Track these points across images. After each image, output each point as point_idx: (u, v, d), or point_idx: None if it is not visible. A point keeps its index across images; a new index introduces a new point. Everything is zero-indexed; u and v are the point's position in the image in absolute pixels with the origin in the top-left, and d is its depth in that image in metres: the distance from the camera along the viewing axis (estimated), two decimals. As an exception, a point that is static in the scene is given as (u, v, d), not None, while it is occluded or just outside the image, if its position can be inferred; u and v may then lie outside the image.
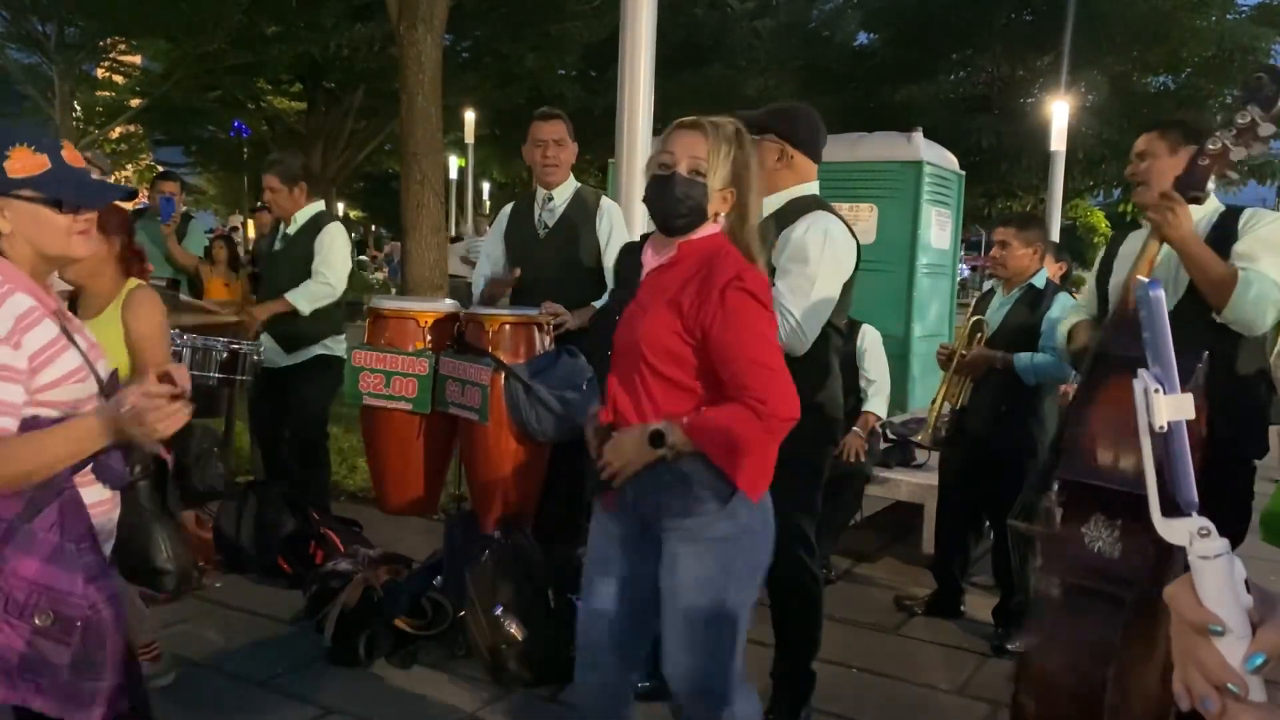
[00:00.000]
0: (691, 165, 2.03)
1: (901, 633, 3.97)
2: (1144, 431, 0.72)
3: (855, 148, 6.53)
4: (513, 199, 4.10)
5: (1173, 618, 0.69)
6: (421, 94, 6.95)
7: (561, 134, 3.74)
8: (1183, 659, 0.68)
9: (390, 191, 23.31)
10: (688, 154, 2.03)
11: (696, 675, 2.10)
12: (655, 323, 2.04)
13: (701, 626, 2.07)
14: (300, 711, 3.07)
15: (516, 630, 3.26)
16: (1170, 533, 0.69)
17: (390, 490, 3.84)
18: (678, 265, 2.08)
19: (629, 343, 2.08)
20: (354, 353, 3.70)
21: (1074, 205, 21.75)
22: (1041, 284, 3.87)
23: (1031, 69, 17.53)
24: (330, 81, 15.97)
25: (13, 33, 13.64)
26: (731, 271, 2.01)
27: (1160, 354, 0.72)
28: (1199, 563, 0.68)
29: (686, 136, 2.05)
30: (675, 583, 2.08)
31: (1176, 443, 0.71)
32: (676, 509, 2.06)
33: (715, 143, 2.03)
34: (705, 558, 2.05)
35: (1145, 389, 0.72)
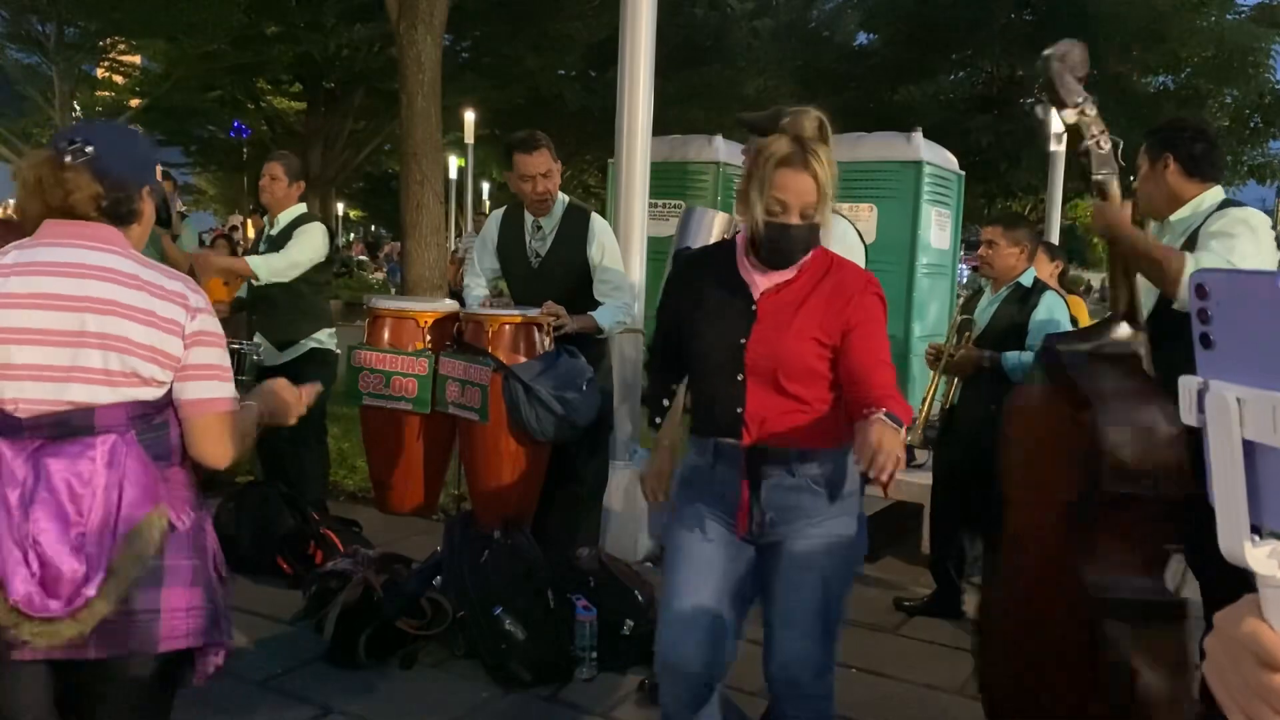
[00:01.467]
0: (804, 211, 2.02)
1: (901, 633, 3.97)
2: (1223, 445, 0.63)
3: (855, 148, 6.52)
4: (512, 199, 4.08)
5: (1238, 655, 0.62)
6: (421, 94, 6.96)
7: (548, 165, 3.64)
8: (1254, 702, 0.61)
9: (390, 191, 23.33)
10: (800, 202, 2.02)
11: (817, 661, 2.13)
12: (798, 343, 2.07)
13: (822, 618, 2.13)
14: (300, 711, 3.07)
15: (516, 630, 3.26)
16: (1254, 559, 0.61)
17: (390, 490, 3.84)
18: (799, 280, 2.12)
19: (768, 366, 2.08)
20: (354, 353, 3.70)
21: (1074, 205, 21.75)
22: (1029, 283, 3.91)
23: (1031, 69, 17.51)
24: (330, 81, 15.99)
25: (13, 33, 13.65)
26: (863, 276, 2.13)
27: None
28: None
29: (796, 181, 2.01)
30: (802, 577, 2.11)
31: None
32: (810, 510, 2.12)
33: (824, 184, 2.02)
34: (831, 554, 2.13)
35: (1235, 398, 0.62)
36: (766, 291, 2.12)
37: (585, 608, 3.34)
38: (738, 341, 2.10)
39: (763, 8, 20.36)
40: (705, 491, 2.20)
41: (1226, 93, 16.63)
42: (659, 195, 5.82)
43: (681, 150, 6.47)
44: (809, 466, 2.10)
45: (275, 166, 4.46)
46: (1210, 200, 2.73)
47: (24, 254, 1.71)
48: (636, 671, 3.35)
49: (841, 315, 2.06)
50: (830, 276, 2.11)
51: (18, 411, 1.67)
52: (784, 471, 2.10)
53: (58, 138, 1.79)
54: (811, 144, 2.02)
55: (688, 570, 2.16)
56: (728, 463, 2.14)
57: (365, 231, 39.60)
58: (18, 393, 1.67)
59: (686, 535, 2.19)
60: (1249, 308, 0.62)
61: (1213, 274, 0.64)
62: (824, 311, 2.07)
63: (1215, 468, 0.63)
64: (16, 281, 1.68)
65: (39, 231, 1.74)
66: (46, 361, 1.68)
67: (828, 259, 2.15)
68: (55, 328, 1.69)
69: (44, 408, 1.68)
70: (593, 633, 3.33)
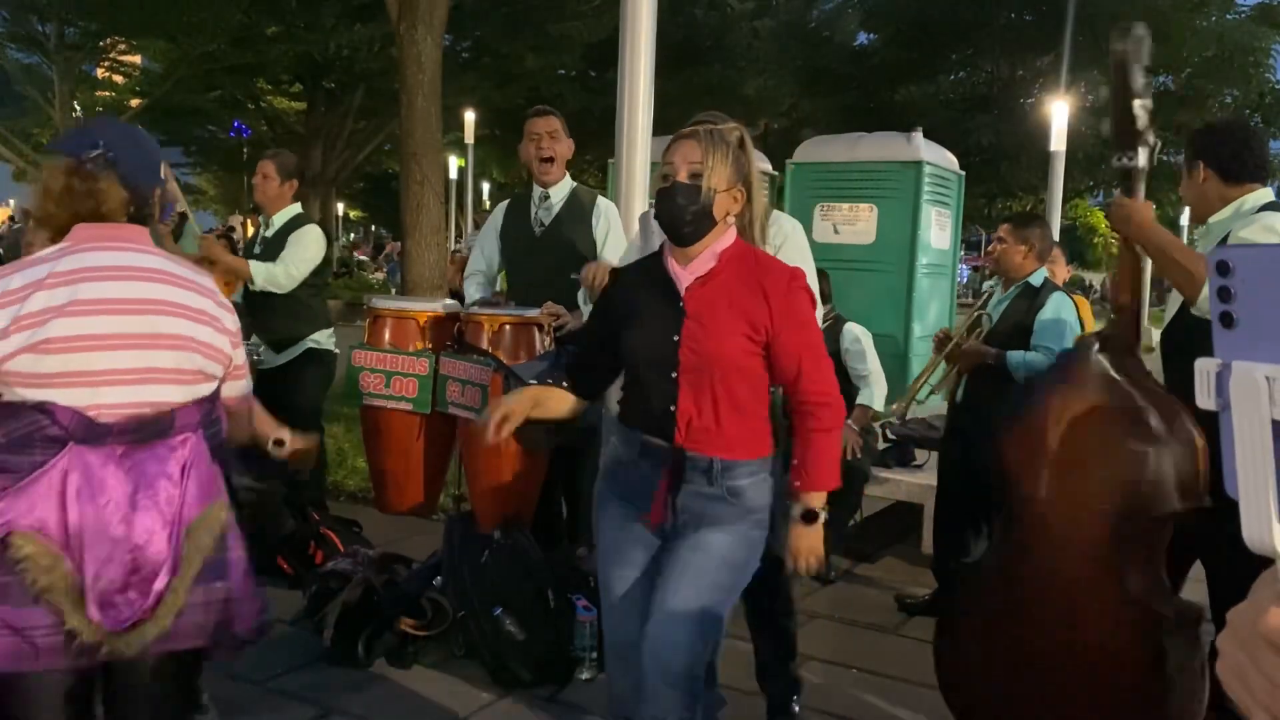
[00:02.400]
0: (690, 171, 2.05)
1: (901, 633, 3.97)
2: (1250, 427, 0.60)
3: (855, 148, 6.53)
4: (512, 198, 4.09)
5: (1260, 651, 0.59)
6: (421, 94, 6.96)
7: (556, 128, 3.73)
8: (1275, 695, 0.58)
9: (390, 191, 23.32)
10: (685, 161, 2.06)
11: (689, 653, 2.11)
12: (726, 338, 2.07)
13: (707, 608, 2.11)
14: (300, 711, 3.07)
15: (516, 630, 3.26)
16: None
17: (390, 490, 3.84)
18: (720, 274, 2.10)
19: (699, 362, 2.08)
20: (354, 353, 3.70)
21: (1074, 205, 21.75)
22: (1038, 283, 3.90)
23: (1031, 69, 17.53)
24: (330, 81, 16.00)
25: (13, 33, 13.65)
26: (786, 270, 2.12)
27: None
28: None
29: (683, 145, 2.09)
30: (699, 560, 2.10)
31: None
32: (719, 518, 2.13)
33: (709, 145, 2.06)
34: (737, 548, 2.13)
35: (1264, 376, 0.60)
36: (691, 286, 2.11)
37: (585, 608, 3.34)
38: (670, 339, 2.09)
39: (763, 8, 20.33)
40: (624, 485, 2.22)
41: (1226, 93, 16.62)
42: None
43: (681, 150, 6.46)
44: (729, 478, 2.10)
45: (268, 165, 4.44)
46: (1253, 202, 2.66)
47: (75, 259, 1.71)
48: (636, 671, 3.35)
49: (768, 311, 2.06)
50: (754, 270, 2.10)
51: (101, 417, 1.68)
52: (704, 480, 2.10)
53: (75, 142, 1.79)
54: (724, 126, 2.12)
55: (617, 563, 2.23)
56: (651, 461, 2.14)
57: (365, 232, 39.57)
58: (101, 398, 1.69)
59: (613, 530, 2.26)
60: (1275, 283, 0.59)
61: (1236, 249, 0.62)
62: (751, 307, 2.07)
63: (1240, 452, 0.61)
64: (85, 288, 1.68)
65: (73, 236, 1.75)
66: (125, 365, 1.71)
67: (750, 253, 2.15)
68: (130, 331, 1.71)
69: (126, 411, 1.70)
70: (593, 633, 3.32)
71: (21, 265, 1.69)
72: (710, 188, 2.05)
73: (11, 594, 1.62)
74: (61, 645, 1.65)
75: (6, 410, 1.63)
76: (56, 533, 1.61)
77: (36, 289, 1.64)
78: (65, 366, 1.65)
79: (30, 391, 1.64)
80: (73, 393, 1.66)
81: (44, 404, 1.64)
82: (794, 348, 2.07)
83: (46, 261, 1.69)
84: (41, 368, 1.64)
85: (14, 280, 1.65)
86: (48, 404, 1.64)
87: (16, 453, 1.63)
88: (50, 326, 1.63)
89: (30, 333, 1.62)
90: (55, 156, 1.78)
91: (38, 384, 1.64)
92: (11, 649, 1.63)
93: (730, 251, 2.12)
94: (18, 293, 1.63)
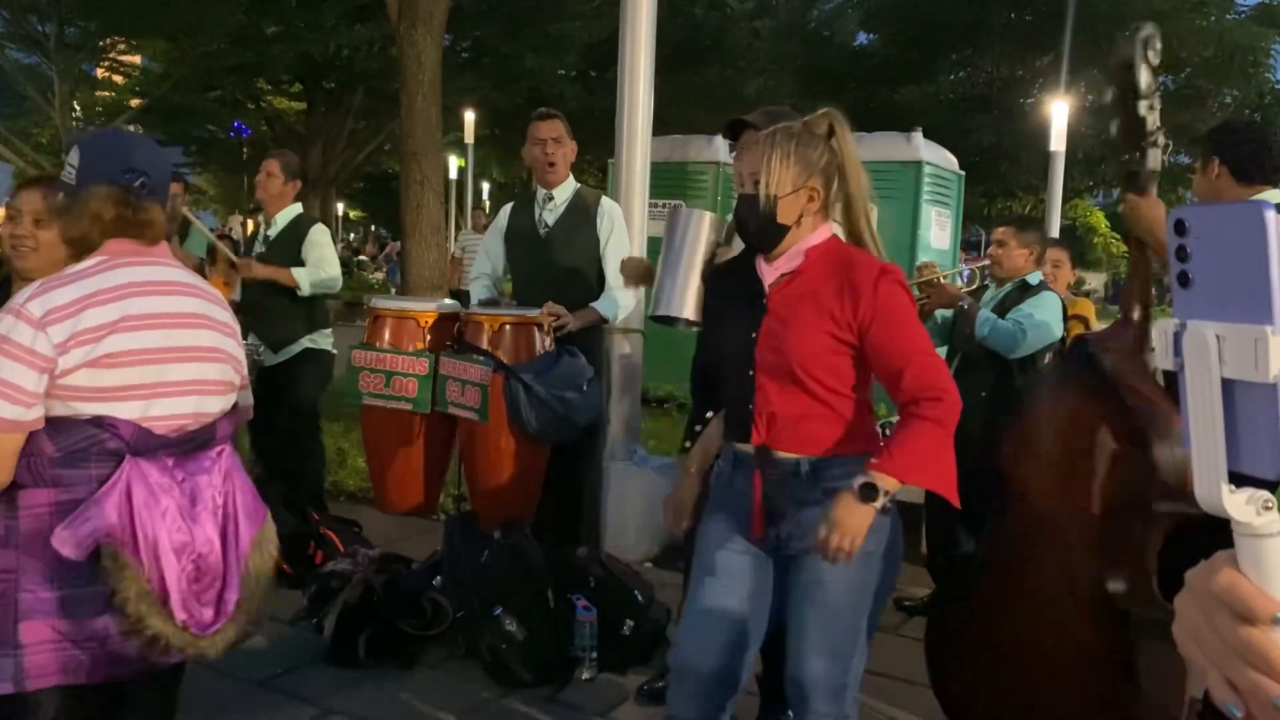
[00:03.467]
0: (754, 180, 2.03)
1: (901, 633, 3.97)
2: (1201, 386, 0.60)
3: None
4: (512, 199, 4.10)
5: (1213, 610, 0.59)
6: (421, 94, 6.96)
7: (559, 132, 3.74)
8: (1231, 658, 0.58)
9: (390, 191, 23.30)
10: (749, 171, 2.04)
11: (831, 679, 2.07)
12: (807, 335, 2.01)
13: (842, 634, 2.07)
14: (300, 711, 3.07)
15: (516, 630, 3.26)
16: (1231, 505, 0.58)
17: (390, 490, 3.84)
18: (806, 272, 2.06)
19: (777, 360, 2.03)
20: (354, 353, 3.70)
21: (1074, 205, 21.74)
22: (1034, 282, 3.95)
23: (1031, 69, 17.53)
24: (330, 82, 15.99)
25: (13, 33, 13.64)
26: (875, 265, 2.03)
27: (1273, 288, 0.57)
28: (1259, 542, 0.58)
29: (746, 154, 2.07)
30: (822, 593, 2.05)
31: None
32: None
33: (765, 151, 2.02)
34: (855, 571, 2.01)
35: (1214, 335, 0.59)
36: (775, 284, 2.07)
37: (585, 608, 3.34)
38: (748, 336, 2.06)
39: (763, 8, 20.32)
40: (725, 499, 2.17)
41: (1226, 92, 16.62)
42: (659, 195, 5.82)
43: (681, 150, 6.47)
44: (826, 478, 2.02)
45: (272, 164, 4.48)
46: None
47: (119, 274, 1.73)
48: (637, 672, 3.35)
49: (857, 308, 1.98)
50: (843, 268, 2.03)
51: (156, 429, 1.71)
52: (794, 478, 2.04)
53: (110, 166, 1.78)
54: (783, 126, 2.06)
55: (709, 578, 2.13)
56: (743, 470, 2.11)
57: (365, 232, 39.52)
58: (153, 411, 1.72)
59: (709, 544, 2.17)
60: (1230, 240, 0.59)
61: (1192, 209, 0.62)
62: (836, 303, 2.00)
63: (1192, 412, 0.61)
64: (134, 303, 1.71)
65: (108, 250, 1.76)
66: (174, 378, 1.75)
67: (841, 249, 2.09)
68: (178, 345, 1.76)
69: (175, 423, 1.74)
70: (593, 633, 3.32)
71: (63, 280, 1.69)
72: (770, 195, 2.01)
73: (74, 606, 1.65)
74: (115, 655, 1.69)
75: (60, 425, 1.65)
76: (130, 543, 1.64)
77: (88, 304, 1.66)
78: (124, 380, 1.68)
79: (87, 406, 1.66)
80: (128, 406, 1.69)
81: (102, 418, 1.66)
82: (889, 343, 1.98)
83: (90, 276, 1.70)
84: (102, 382, 1.66)
85: (61, 295, 1.66)
86: (107, 418, 1.66)
87: (71, 467, 1.65)
88: (107, 342, 1.66)
89: (89, 348, 1.64)
90: (95, 184, 1.76)
91: (96, 398, 1.66)
92: (66, 662, 1.65)
93: (820, 248, 2.07)
94: (70, 307, 1.65)
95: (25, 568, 1.63)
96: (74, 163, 1.79)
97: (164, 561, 1.65)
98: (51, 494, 1.64)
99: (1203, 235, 0.61)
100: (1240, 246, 0.58)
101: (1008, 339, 3.69)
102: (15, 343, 1.60)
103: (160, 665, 1.77)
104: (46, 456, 1.64)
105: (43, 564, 1.62)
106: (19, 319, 1.61)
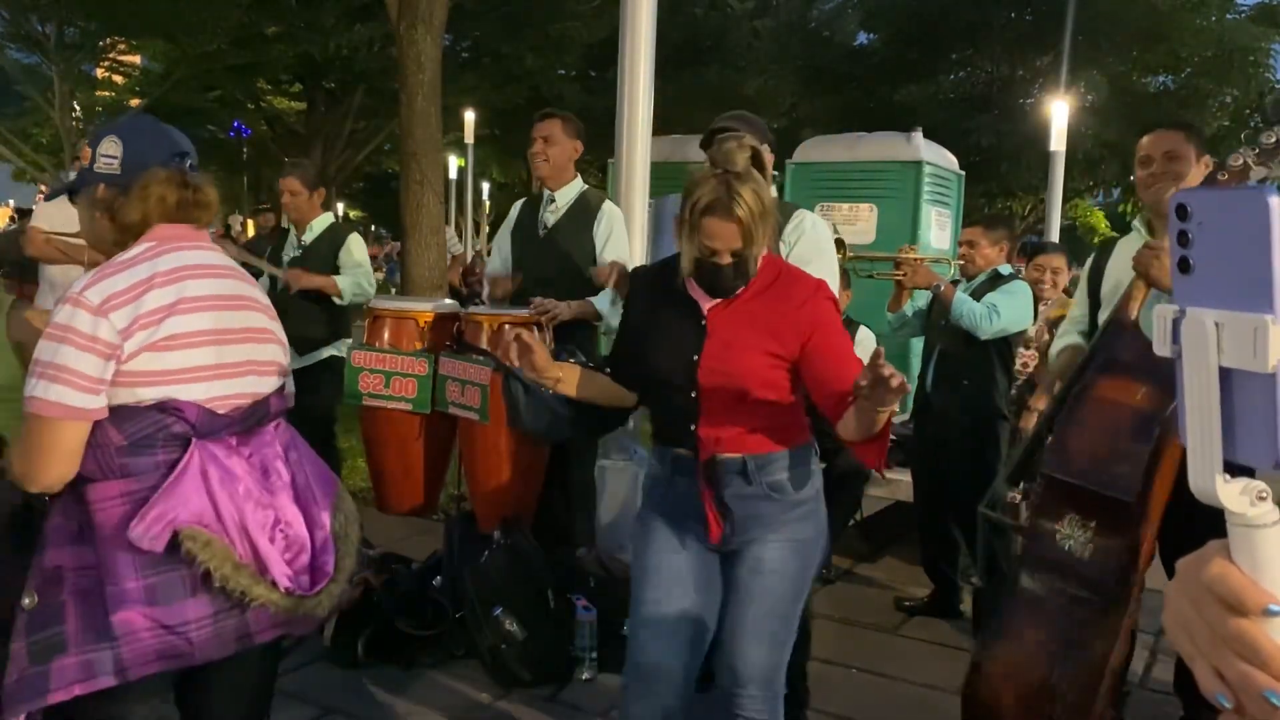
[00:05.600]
0: (733, 252, 2.01)
1: (901, 633, 3.97)
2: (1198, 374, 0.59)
3: (855, 148, 6.52)
4: (512, 199, 4.13)
5: (1204, 600, 0.59)
6: (421, 94, 6.96)
7: (551, 131, 3.74)
8: (1221, 649, 0.58)
9: (390, 191, 23.31)
10: (728, 247, 2.00)
11: (767, 667, 2.13)
12: (753, 357, 2.05)
13: (779, 621, 2.13)
14: (300, 711, 3.07)
15: (516, 630, 3.26)
16: (1225, 495, 0.58)
17: (390, 490, 3.84)
18: (746, 292, 2.09)
19: (724, 382, 2.05)
20: (354, 353, 3.70)
21: (1074, 205, 21.74)
22: (1006, 273, 4.07)
23: (1031, 69, 17.51)
24: (330, 81, 15.98)
25: (13, 33, 13.64)
26: (809, 281, 2.11)
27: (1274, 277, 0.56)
28: (1253, 532, 0.58)
29: (722, 229, 1.99)
30: (761, 582, 2.11)
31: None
32: (768, 519, 2.11)
33: (749, 226, 1.98)
34: (791, 559, 2.12)
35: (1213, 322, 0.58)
36: (714, 307, 2.10)
37: (585, 608, 3.34)
38: (690, 358, 2.08)
39: (763, 8, 20.30)
40: (666, 502, 2.20)
41: (1227, 92, 16.60)
42: (659, 195, 5.81)
43: (681, 150, 6.46)
44: (765, 472, 2.09)
45: (292, 182, 4.49)
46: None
47: (172, 258, 1.74)
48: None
49: (795, 325, 2.05)
50: (778, 285, 2.10)
51: (218, 408, 1.74)
52: (741, 480, 2.09)
53: (158, 149, 1.79)
54: (736, 185, 1.97)
55: (655, 581, 2.16)
56: (685, 474, 2.14)
57: (366, 232, 39.55)
58: (214, 392, 1.74)
59: (651, 548, 2.19)
60: (1233, 227, 0.58)
61: (1194, 193, 0.60)
62: (776, 323, 2.05)
63: (1188, 400, 0.60)
64: (189, 286, 1.73)
65: (157, 235, 1.77)
66: (231, 359, 1.78)
67: (775, 267, 2.14)
68: (232, 326, 1.79)
69: (233, 403, 1.77)
70: (593, 633, 3.33)
71: (117, 266, 1.69)
72: (755, 255, 2.04)
73: (162, 592, 1.66)
74: (212, 637, 1.71)
75: (125, 414, 1.66)
76: (213, 523, 1.66)
77: (147, 288, 1.67)
78: (186, 362, 1.70)
79: (150, 391, 1.67)
80: (191, 388, 1.70)
81: (166, 402, 1.67)
82: (831, 351, 2.05)
83: (143, 261, 1.71)
84: (163, 365, 1.67)
85: (119, 281, 1.66)
86: (171, 401, 1.67)
87: (139, 455, 1.66)
88: (166, 324, 1.67)
89: (150, 331, 1.66)
90: (151, 169, 1.77)
91: (159, 381, 1.67)
92: (164, 648, 1.66)
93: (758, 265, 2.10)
94: (129, 292, 1.66)
95: (106, 561, 1.64)
96: (113, 153, 1.77)
97: (254, 536, 1.69)
98: (121, 485, 1.65)
99: (1205, 221, 0.59)
100: (1243, 233, 0.57)
101: (971, 318, 3.81)
102: (76, 330, 1.61)
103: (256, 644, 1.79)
104: (114, 446, 1.65)
105: (124, 555, 1.64)
106: (78, 306, 1.62)
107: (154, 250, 1.74)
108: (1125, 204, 17.70)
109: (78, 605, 1.64)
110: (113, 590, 1.63)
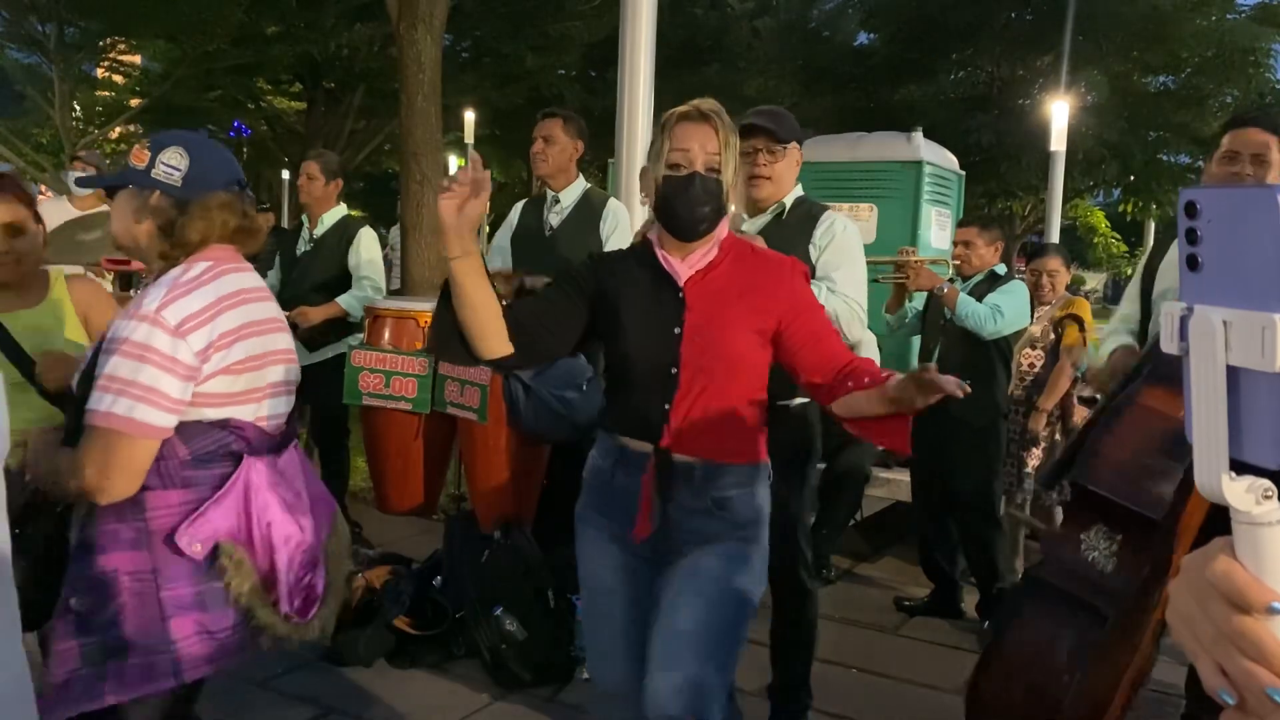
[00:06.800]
0: (707, 162, 1.90)
1: (901, 633, 3.97)
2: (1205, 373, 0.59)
3: (855, 148, 6.52)
4: (513, 199, 4.12)
5: (1208, 597, 0.59)
6: (421, 94, 6.96)
7: (550, 131, 3.75)
8: (1224, 646, 0.58)
9: (390, 191, 23.30)
10: (703, 150, 1.90)
11: (700, 686, 1.89)
12: (737, 332, 1.94)
13: (717, 637, 1.93)
14: (300, 711, 3.07)
15: (516, 630, 3.26)
16: (1231, 493, 0.58)
17: (390, 490, 3.84)
18: (720, 265, 1.99)
19: (707, 358, 1.93)
20: (354, 353, 3.70)
21: (1074, 205, 21.74)
22: (1001, 272, 4.10)
23: (1031, 69, 17.50)
24: (330, 81, 15.96)
25: (13, 33, 13.63)
26: (784, 258, 2.04)
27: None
28: (1258, 530, 0.58)
29: (698, 130, 1.91)
30: (696, 584, 1.94)
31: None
32: (709, 536, 1.98)
33: (726, 136, 1.91)
34: (731, 569, 1.96)
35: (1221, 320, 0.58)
36: (691, 278, 1.96)
37: (585, 608, 3.34)
38: (671, 331, 1.93)
39: (763, 8, 20.28)
40: (604, 497, 2.05)
41: (1226, 92, 16.59)
42: (659, 195, 5.80)
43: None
44: (716, 487, 1.95)
45: (312, 166, 4.51)
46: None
47: (229, 281, 1.77)
48: (636, 671, 3.35)
49: (774, 301, 1.95)
50: (753, 260, 2.00)
51: (267, 427, 1.80)
52: (687, 489, 1.95)
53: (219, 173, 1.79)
54: (722, 110, 1.95)
55: (595, 596, 2.10)
56: (630, 469, 1.99)
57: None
58: (263, 411, 1.79)
59: (588, 559, 2.09)
60: (1242, 225, 0.57)
61: (1204, 190, 0.60)
62: (757, 297, 1.95)
63: (1195, 398, 0.60)
64: (249, 310, 1.78)
65: (212, 255, 1.77)
66: (276, 380, 1.83)
67: (744, 243, 2.05)
68: (278, 348, 1.84)
69: (276, 423, 1.83)
70: (593, 633, 3.32)
71: (185, 287, 1.69)
72: (727, 181, 1.93)
73: (210, 599, 1.71)
74: (238, 643, 1.77)
75: (189, 430, 1.69)
76: (246, 540, 1.72)
77: (218, 311, 1.70)
78: (250, 384, 1.75)
79: (213, 410, 1.71)
80: (246, 409, 1.76)
81: (228, 420, 1.72)
82: (811, 328, 1.97)
83: (208, 283, 1.72)
84: (233, 388, 1.73)
85: (192, 303, 1.67)
86: (233, 420, 1.73)
87: (199, 468, 1.71)
88: (236, 349, 1.72)
89: (223, 354, 1.69)
90: (214, 192, 1.77)
91: (225, 403, 1.72)
92: (212, 653, 1.72)
93: (729, 240, 2.02)
94: (202, 314, 1.67)
95: (162, 567, 1.68)
96: (179, 165, 1.74)
97: (277, 555, 1.73)
98: (181, 494, 1.70)
99: (1214, 218, 0.59)
100: (1252, 231, 0.57)
101: (975, 319, 3.83)
102: (156, 349, 1.61)
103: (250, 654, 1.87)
104: (179, 459, 1.69)
105: (180, 562, 1.68)
106: (155, 325, 1.62)
107: (215, 271, 1.75)
108: (1125, 204, 17.68)
109: (135, 609, 1.67)
110: (169, 595, 1.68)
